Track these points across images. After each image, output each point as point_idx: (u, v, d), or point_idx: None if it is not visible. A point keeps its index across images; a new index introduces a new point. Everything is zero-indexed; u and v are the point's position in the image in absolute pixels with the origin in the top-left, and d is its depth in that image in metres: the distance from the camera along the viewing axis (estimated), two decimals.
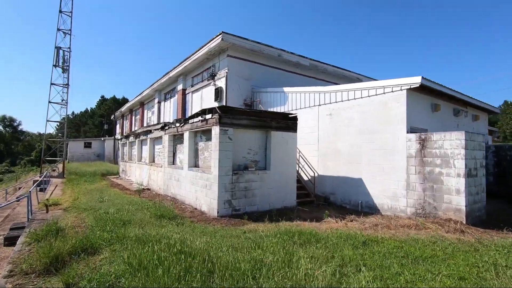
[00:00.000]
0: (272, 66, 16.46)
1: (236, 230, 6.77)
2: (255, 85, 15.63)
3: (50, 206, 10.04)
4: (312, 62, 17.32)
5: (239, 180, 8.55)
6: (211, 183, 8.49)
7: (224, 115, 8.31)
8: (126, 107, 36.02)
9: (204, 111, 9.08)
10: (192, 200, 9.69)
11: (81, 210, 8.93)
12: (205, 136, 9.61)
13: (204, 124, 9.09)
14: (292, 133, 9.92)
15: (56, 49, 21.97)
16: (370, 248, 5.34)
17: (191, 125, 10.00)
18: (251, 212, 8.77)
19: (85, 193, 12.94)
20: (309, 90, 11.81)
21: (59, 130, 25.59)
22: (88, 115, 74.97)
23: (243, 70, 15.21)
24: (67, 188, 15.13)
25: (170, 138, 12.31)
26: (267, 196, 9.17)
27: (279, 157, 9.48)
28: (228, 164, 8.32)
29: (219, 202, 8.12)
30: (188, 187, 10.08)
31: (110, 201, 10.35)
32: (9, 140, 70.63)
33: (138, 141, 17.42)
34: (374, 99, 9.30)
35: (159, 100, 24.80)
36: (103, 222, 7.00)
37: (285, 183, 9.64)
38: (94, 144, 44.27)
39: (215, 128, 8.39)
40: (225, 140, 8.29)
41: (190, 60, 16.93)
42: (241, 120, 8.67)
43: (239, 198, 8.54)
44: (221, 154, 8.19)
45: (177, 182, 11.15)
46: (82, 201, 10.58)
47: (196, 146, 10.28)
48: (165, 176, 12.37)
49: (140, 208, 8.98)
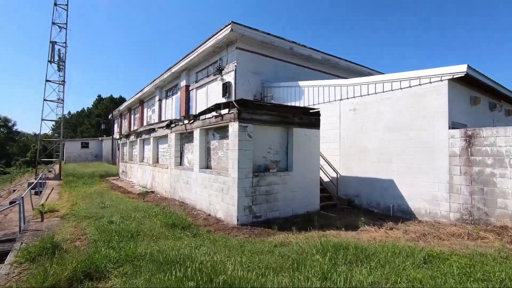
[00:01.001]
0: (282, 59, 15.47)
1: (264, 243, 5.80)
2: (265, 79, 14.64)
3: (45, 213, 9.00)
4: (324, 55, 16.35)
5: (260, 183, 7.57)
6: (228, 187, 7.50)
7: (244, 109, 7.33)
8: (124, 106, 34.84)
9: (219, 106, 8.09)
10: (205, 205, 8.70)
11: (81, 218, 7.91)
12: (219, 134, 8.62)
13: (218, 121, 8.10)
14: (315, 130, 8.95)
15: (51, 44, 20.79)
16: (436, 267, 4.40)
17: (203, 122, 9.00)
18: (273, 218, 7.80)
19: (84, 197, 11.90)
20: (328, 83, 10.84)
21: (55, 130, 24.41)
22: (84, 115, 73.54)
23: (252, 63, 14.20)
24: (64, 192, 14.07)
25: (177, 137, 11.29)
26: (289, 201, 8.20)
27: (301, 156, 8.52)
28: (248, 165, 7.34)
29: (238, 209, 7.15)
30: (200, 191, 9.09)
31: (112, 207, 9.33)
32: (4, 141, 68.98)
33: (139, 141, 16.37)
34: (407, 92, 8.36)
35: (160, 97, 23.71)
36: (108, 234, 6.00)
37: (308, 186, 8.69)
38: (91, 144, 43.07)
39: (233, 125, 7.40)
40: (244, 138, 7.31)
41: (195, 53, 15.88)
42: (261, 115, 7.69)
43: (260, 203, 7.57)
44: (241, 154, 7.21)
45: (186, 185, 10.15)
46: (81, 207, 9.55)
47: (207, 145, 9.28)
48: (172, 178, 11.36)
49: (147, 215, 7.98)
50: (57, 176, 21.03)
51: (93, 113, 70.07)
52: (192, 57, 16.40)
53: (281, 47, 14.58)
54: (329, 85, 10.78)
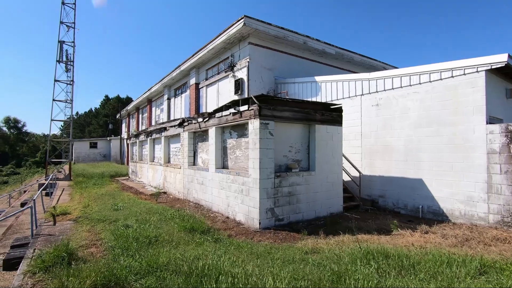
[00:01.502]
0: (295, 55, 14.97)
1: (292, 249, 5.35)
2: (278, 76, 14.16)
3: (57, 215, 8.71)
4: (339, 50, 15.78)
5: (282, 183, 7.12)
6: (248, 188, 7.07)
7: (265, 105, 6.87)
8: (132, 105, 34.70)
9: (237, 103, 7.65)
10: (223, 207, 8.29)
11: (94, 222, 7.58)
12: (237, 132, 8.19)
13: (236, 118, 7.66)
14: (337, 126, 8.46)
15: (60, 44, 20.63)
16: (494, 278, 3.90)
17: (219, 120, 8.58)
18: (296, 221, 7.35)
19: (96, 198, 11.61)
20: (349, 77, 10.31)
21: (63, 130, 24.29)
22: (92, 115, 74.02)
23: (265, 59, 13.73)
24: (75, 193, 13.83)
25: (190, 136, 10.90)
26: (312, 202, 7.74)
27: (324, 155, 8.04)
28: (270, 165, 6.90)
29: (260, 211, 6.71)
30: (216, 192, 8.68)
31: (126, 209, 8.99)
32: (14, 142, 69.87)
33: (150, 140, 16.05)
34: (438, 85, 7.79)
35: (169, 96, 23.41)
36: (125, 240, 5.62)
37: (331, 186, 8.20)
38: (100, 144, 43.15)
39: (253, 122, 6.96)
40: (265, 136, 6.86)
41: (205, 50, 15.47)
42: (282, 111, 7.22)
43: (282, 205, 7.12)
44: (262, 153, 6.76)
45: (200, 185, 9.76)
46: (93, 209, 9.24)
47: (224, 144, 8.86)
48: (185, 178, 10.99)
49: (163, 218, 7.60)
50: (67, 177, 20.91)
51: (100, 113, 70.46)
52: (201, 54, 15.99)
53: (295, 42, 14.07)
54: (349, 80, 10.25)
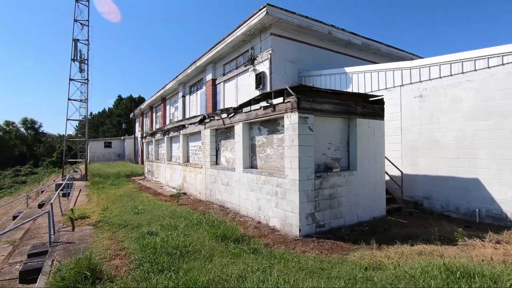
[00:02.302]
0: (319, 46, 14.07)
1: (347, 263, 4.56)
2: (302, 68, 13.31)
3: (76, 219, 8.18)
4: (365, 40, 14.77)
5: (322, 185, 6.32)
6: (285, 190, 6.30)
7: (304, 97, 6.08)
8: (146, 104, 34.46)
9: (269, 95, 6.88)
10: (252, 211, 7.56)
11: (115, 227, 6.98)
12: (267, 128, 7.43)
13: (268, 112, 6.90)
14: (379, 120, 7.59)
15: (74, 42, 20.37)
16: None
17: (247, 115, 7.84)
18: (338, 227, 6.55)
19: (114, 200, 11.10)
20: (385, 67, 9.38)
21: (78, 130, 24.14)
22: (106, 115, 74.79)
23: (288, 51, 12.91)
24: (92, 193, 13.41)
25: (212, 133, 10.22)
26: (354, 206, 6.91)
27: (365, 152, 7.19)
28: (310, 165, 6.11)
29: (300, 217, 5.93)
30: (244, 194, 7.96)
31: (147, 212, 8.39)
32: (31, 142, 71.39)
33: (167, 139, 15.50)
34: (499, 71, 6.80)
35: (184, 94, 22.87)
36: (152, 251, 4.95)
37: (374, 187, 7.35)
38: (114, 143, 43.28)
39: (290, 116, 6.17)
40: (305, 132, 6.07)
41: (223, 44, 14.76)
42: (322, 104, 6.41)
43: (323, 209, 6.32)
44: (301, 151, 5.98)
45: (225, 187, 9.06)
46: (113, 213, 8.68)
47: (252, 142, 8.12)
48: (207, 179, 10.32)
49: (189, 223, 6.93)
50: (83, 177, 20.69)
51: (114, 113, 71.10)
52: (219, 48, 15.29)
53: (319, 32, 13.17)
54: (387, 69, 9.32)
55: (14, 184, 43.36)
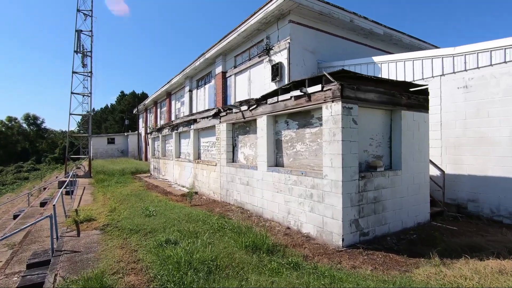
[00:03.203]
0: (339, 35, 13.13)
1: (416, 285, 3.71)
2: (321, 59, 12.40)
3: (81, 222, 7.38)
4: (387, 30, 13.81)
5: (367, 187, 5.46)
6: (323, 193, 5.44)
7: (347, 84, 5.20)
8: (150, 99, 33.58)
9: (301, 83, 6.00)
10: (280, 214, 6.71)
11: (126, 233, 6.16)
12: (297, 122, 6.55)
13: (301, 103, 6.02)
14: (423, 113, 6.69)
15: (77, 33, 19.48)
16: None
17: (272, 107, 6.96)
18: (382, 235, 5.69)
19: (121, 199, 10.29)
20: (422, 55, 8.46)
21: (81, 126, 23.34)
22: (108, 111, 74.10)
23: (307, 40, 11.98)
24: (97, 192, 12.63)
25: (229, 128, 9.36)
26: (398, 210, 6.05)
27: (410, 149, 6.31)
28: (354, 163, 5.24)
29: (344, 224, 5.08)
30: (269, 195, 7.11)
31: (160, 215, 7.57)
32: (34, 138, 70.87)
33: (175, 134, 14.66)
34: None
35: (191, 88, 21.98)
36: (175, 265, 4.13)
37: (418, 189, 6.48)
38: (117, 140, 42.57)
39: (330, 107, 5.29)
40: (348, 125, 5.19)
41: (235, 33, 13.84)
42: (366, 93, 5.53)
43: (367, 215, 5.47)
44: (345, 148, 5.11)
45: (245, 186, 8.22)
46: (122, 215, 7.86)
47: (277, 137, 7.26)
48: (223, 177, 9.48)
49: (210, 229, 6.09)
50: (87, 174, 19.93)
51: (116, 109, 70.37)
52: (231, 38, 14.37)
53: (340, 20, 12.22)
54: (423, 57, 8.40)
55: (17, 180, 42.81)
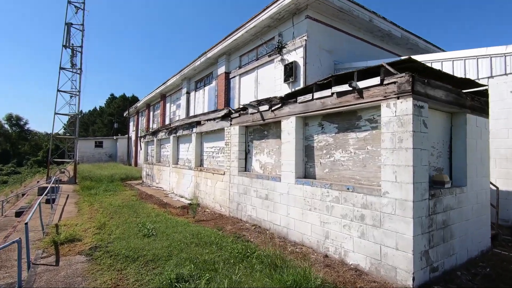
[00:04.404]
0: (356, 36, 12.20)
1: None
2: (337, 60, 11.40)
3: (62, 244, 5.92)
4: (405, 33, 12.99)
5: (436, 208, 4.30)
6: (382, 215, 4.24)
7: (418, 77, 4.07)
8: (142, 102, 31.97)
9: (349, 76, 4.85)
10: (313, 238, 5.45)
11: (121, 261, 4.77)
12: (337, 124, 5.38)
13: (349, 100, 4.85)
14: (485, 118, 5.65)
15: (67, 26, 17.98)
16: None
17: (304, 106, 5.77)
18: (451, 269, 4.51)
19: (112, 212, 8.81)
20: (465, 54, 7.50)
21: (67, 128, 21.59)
22: (97, 114, 71.54)
23: (324, 39, 10.96)
24: (83, 202, 11.05)
25: (242, 131, 8.11)
26: (463, 236, 4.90)
27: (473, 161, 5.21)
28: (424, 178, 4.07)
29: (414, 258, 3.87)
30: (297, 213, 5.85)
31: (161, 234, 6.18)
32: (16, 140, 67.41)
33: (173, 138, 13.27)
34: None
35: (188, 90, 20.65)
36: None
37: (481, 209, 5.37)
38: (105, 143, 40.55)
39: (395, 105, 4.14)
40: (419, 128, 4.04)
41: (243, 30, 12.73)
42: (435, 89, 4.41)
43: (436, 244, 4.28)
44: (416, 157, 3.94)
45: (262, 201, 6.93)
46: (114, 233, 6.42)
47: (308, 143, 6.05)
48: (233, 189, 8.17)
49: (230, 257, 4.77)
50: (71, 180, 18.16)
51: (105, 112, 67.97)
52: (237, 35, 13.25)
53: (359, 18, 11.29)
54: (465, 57, 7.44)
55: None
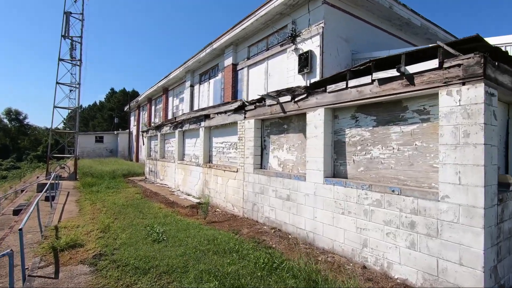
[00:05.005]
0: (373, 24, 11.45)
1: None
2: (355, 49, 10.67)
3: (62, 250, 5.28)
4: (424, 22, 12.23)
5: (504, 215, 3.65)
6: (439, 223, 3.59)
7: (490, 59, 3.39)
8: (143, 96, 31.20)
9: (392, 61, 4.16)
10: (347, 246, 4.80)
11: (130, 273, 4.13)
12: (376, 116, 4.70)
13: (393, 88, 4.17)
14: None
15: (65, 15, 17.18)
16: None
17: (335, 96, 5.09)
18: None
19: (116, 212, 8.17)
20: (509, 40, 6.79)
21: (66, 123, 20.90)
22: (97, 108, 70.79)
23: (342, 26, 10.22)
24: (84, 200, 10.41)
25: (257, 125, 7.43)
26: None
27: None
28: (493, 180, 3.41)
29: (485, 276, 3.23)
30: (326, 217, 5.20)
31: (172, 239, 5.54)
32: (15, 135, 66.73)
33: (179, 133, 12.60)
34: None
35: (192, 83, 19.91)
36: None
37: None
38: (106, 138, 39.88)
39: (459, 92, 3.46)
40: (490, 120, 3.38)
41: (252, 18, 11.96)
42: (504, 74, 3.72)
43: (503, 257, 3.64)
44: (487, 155, 3.28)
45: (283, 202, 6.29)
46: (120, 238, 5.78)
47: (338, 138, 5.38)
48: (248, 187, 7.52)
49: (256, 268, 4.13)
50: (71, 176, 17.52)
51: (105, 107, 67.19)
52: (246, 24, 12.48)
53: (379, 5, 10.52)
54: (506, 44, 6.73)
55: None
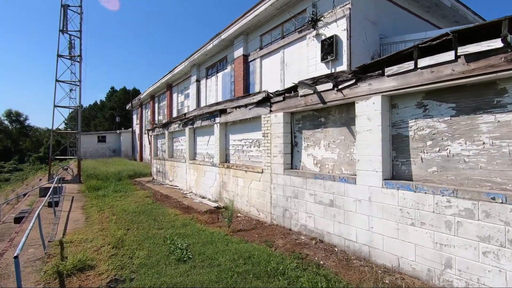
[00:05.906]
0: (401, 6, 10.45)
1: None
2: (383, 33, 9.67)
3: (69, 275, 4.40)
4: (455, 3, 11.22)
5: None
6: None
7: None
8: (146, 93, 30.21)
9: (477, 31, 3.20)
10: (420, 265, 3.89)
11: None
12: (456, 103, 3.75)
13: (489, 66, 3.21)
14: None
15: (63, 8, 16.16)
16: None
17: (396, 80, 4.13)
18: None
19: (127, 221, 7.29)
20: None
21: (68, 123, 19.99)
22: (97, 108, 69.87)
23: (370, 8, 9.22)
24: (90, 206, 9.54)
25: (286, 119, 6.49)
26: None
27: None
28: None
29: None
30: (388, 228, 4.29)
31: (200, 257, 4.65)
32: (17, 136, 66.03)
33: (189, 130, 11.68)
34: None
35: (198, 77, 18.93)
36: None
37: None
38: (108, 138, 38.99)
39: None
40: None
41: (266, 4, 10.93)
42: None
43: None
44: None
45: (325, 208, 5.37)
46: (137, 256, 4.89)
47: (397, 131, 4.44)
48: (277, 190, 6.60)
49: None
50: (75, 179, 16.68)
51: (106, 106, 66.28)
52: (259, 10, 11.46)
53: None
54: None
55: None
